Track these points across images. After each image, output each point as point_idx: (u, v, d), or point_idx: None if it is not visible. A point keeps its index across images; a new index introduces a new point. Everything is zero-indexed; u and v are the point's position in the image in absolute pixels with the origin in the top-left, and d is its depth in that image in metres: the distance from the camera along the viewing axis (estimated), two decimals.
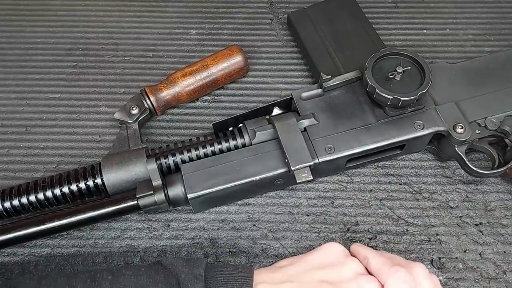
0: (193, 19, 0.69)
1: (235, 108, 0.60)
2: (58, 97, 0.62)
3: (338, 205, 0.53)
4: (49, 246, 0.51)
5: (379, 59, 0.51)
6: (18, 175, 0.56)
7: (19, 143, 0.58)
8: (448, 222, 0.52)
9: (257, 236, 0.51)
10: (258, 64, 0.64)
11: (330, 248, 0.46)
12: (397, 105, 0.49)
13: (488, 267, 0.49)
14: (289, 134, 0.49)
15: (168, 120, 0.60)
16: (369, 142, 0.50)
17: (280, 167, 0.49)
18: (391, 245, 0.51)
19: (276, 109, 0.56)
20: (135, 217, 0.53)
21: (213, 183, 0.48)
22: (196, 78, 0.57)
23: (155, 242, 0.51)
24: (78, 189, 0.50)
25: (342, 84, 0.53)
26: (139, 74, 0.63)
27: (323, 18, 0.61)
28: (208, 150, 0.51)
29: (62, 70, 0.64)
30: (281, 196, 0.54)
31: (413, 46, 0.64)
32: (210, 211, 0.53)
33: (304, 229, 0.52)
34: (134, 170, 0.50)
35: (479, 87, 0.53)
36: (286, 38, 0.66)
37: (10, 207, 0.49)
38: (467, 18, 0.67)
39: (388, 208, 0.53)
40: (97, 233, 0.52)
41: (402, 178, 0.55)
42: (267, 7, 0.70)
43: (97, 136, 0.59)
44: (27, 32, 0.67)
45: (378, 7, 0.69)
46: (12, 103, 0.61)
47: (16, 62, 0.65)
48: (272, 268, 0.45)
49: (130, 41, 0.66)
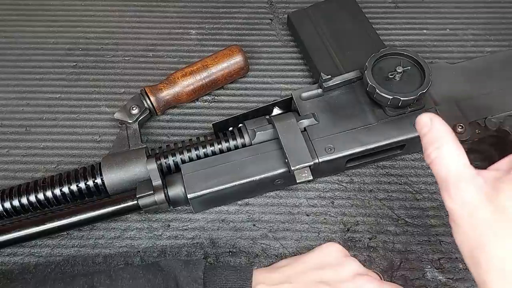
0: (193, 19, 0.69)
1: (235, 108, 0.60)
2: (58, 97, 0.62)
3: (338, 205, 0.53)
4: (49, 246, 0.51)
5: (379, 59, 0.51)
6: (18, 175, 0.56)
7: (19, 143, 0.58)
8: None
9: (257, 236, 0.51)
10: (258, 64, 0.64)
11: (328, 248, 0.46)
12: (397, 105, 0.49)
13: None
14: (289, 134, 0.49)
15: (168, 120, 0.60)
16: (369, 142, 0.50)
17: (280, 167, 0.49)
18: (390, 245, 0.51)
19: (276, 109, 0.56)
20: (135, 217, 0.53)
21: (213, 183, 0.48)
22: (196, 78, 0.57)
23: (155, 242, 0.51)
24: (78, 189, 0.50)
25: (342, 84, 0.53)
26: (139, 74, 0.63)
27: (323, 18, 0.61)
28: (208, 150, 0.51)
29: (62, 70, 0.64)
30: (281, 196, 0.54)
31: (413, 46, 0.64)
32: (210, 211, 0.53)
33: (304, 229, 0.52)
34: (134, 170, 0.50)
35: (479, 87, 0.53)
36: (286, 38, 0.66)
37: (10, 207, 0.49)
38: (467, 18, 0.67)
39: (388, 208, 0.53)
40: (97, 233, 0.52)
41: (402, 178, 0.55)
42: (267, 7, 0.70)
43: (97, 136, 0.59)
44: (27, 32, 0.67)
45: (378, 7, 0.69)
46: (12, 103, 0.61)
47: (16, 62, 0.65)
48: (271, 269, 0.45)
49: (130, 41, 0.66)
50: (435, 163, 0.37)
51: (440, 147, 0.37)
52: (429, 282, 0.48)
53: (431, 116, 0.39)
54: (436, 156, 0.37)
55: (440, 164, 0.36)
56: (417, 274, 0.49)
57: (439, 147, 0.37)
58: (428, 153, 0.38)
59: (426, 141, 0.38)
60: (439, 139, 0.37)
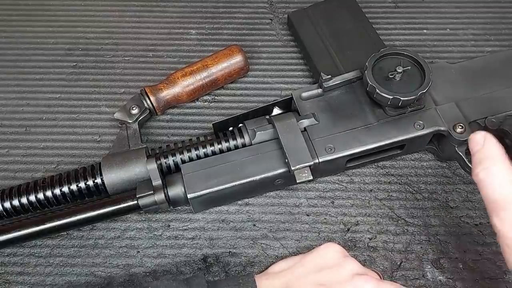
0: (193, 19, 0.69)
1: (235, 108, 0.60)
2: (58, 97, 0.62)
3: (338, 205, 0.53)
4: (49, 246, 0.51)
5: (379, 59, 0.51)
6: (18, 175, 0.56)
7: (19, 143, 0.58)
8: (448, 222, 0.52)
9: (257, 236, 0.51)
10: (258, 64, 0.64)
11: (326, 249, 0.46)
12: (397, 105, 0.49)
13: (488, 267, 0.49)
14: (289, 134, 0.49)
15: (168, 120, 0.60)
16: (369, 142, 0.50)
17: (280, 167, 0.49)
18: (391, 245, 0.51)
19: (276, 109, 0.56)
20: (135, 217, 0.53)
21: (213, 183, 0.48)
22: (196, 78, 0.57)
23: (155, 242, 0.51)
24: (78, 189, 0.50)
25: (342, 84, 0.53)
26: (139, 74, 0.63)
27: (323, 18, 0.61)
28: (208, 150, 0.51)
29: (62, 70, 0.64)
30: (281, 196, 0.54)
31: (413, 46, 0.64)
32: (210, 211, 0.53)
33: (304, 229, 0.52)
34: (134, 170, 0.50)
35: (479, 87, 0.53)
36: (286, 38, 0.66)
37: (10, 207, 0.49)
38: (467, 18, 0.67)
39: (388, 208, 0.53)
40: (97, 233, 0.52)
41: (402, 178, 0.55)
42: (267, 7, 0.70)
43: (97, 136, 0.59)
44: (27, 32, 0.67)
45: (378, 7, 0.69)
46: (12, 103, 0.61)
47: (16, 62, 0.65)
48: (270, 275, 0.45)
49: (130, 41, 0.66)
50: (483, 183, 0.36)
51: (489, 168, 0.36)
52: (429, 282, 0.48)
53: (485, 135, 0.38)
54: (485, 176, 0.36)
55: (488, 185, 0.36)
56: (417, 274, 0.49)
57: (489, 167, 0.36)
58: (476, 172, 0.37)
59: (476, 159, 0.37)
60: (489, 159, 0.37)
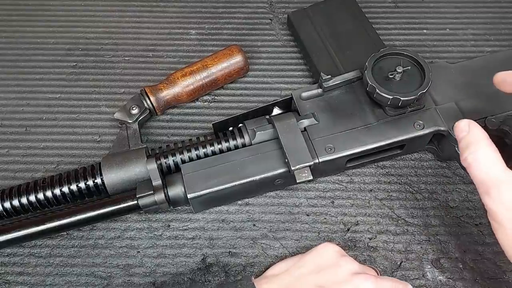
0: (193, 19, 0.69)
1: (235, 108, 0.60)
2: (58, 97, 0.62)
3: (338, 205, 0.53)
4: (49, 246, 0.51)
5: (379, 59, 0.51)
6: (18, 175, 0.56)
7: (19, 143, 0.58)
8: (448, 222, 0.52)
9: (257, 236, 0.51)
10: (258, 64, 0.64)
11: (324, 249, 0.46)
12: (397, 105, 0.49)
13: (488, 267, 0.49)
14: (289, 134, 0.49)
15: (168, 120, 0.60)
16: (369, 142, 0.50)
17: (280, 167, 0.49)
18: (391, 245, 0.51)
19: (276, 109, 0.56)
20: (135, 217, 0.53)
21: (213, 183, 0.48)
22: (196, 78, 0.57)
23: (155, 242, 0.51)
24: (78, 189, 0.50)
25: (342, 84, 0.53)
26: (139, 74, 0.63)
27: (323, 18, 0.61)
28: (208, 150, 0.51)
29: (62, 70, 0.64)
30: (281, 196, 0.54)
31: (413, 46, 0.64)
32: (210, 211, 0.53)
33: (304, 229, 0.52)
34: (134, 170, 0.50)
35: (479, 87, 0.53)
36: (286, 38, 0.66)
37: (10, 207, 0.49)
38: (467, 18, 0.67)
39: (388, 208, 0.53)
40: (97, 233, 0.52)
41: (402, 178, 0.55)
42: (267, 7, 0.70)
43: (97, 136, 0.59)
44: (27, 32, 0.67)
45: (378, 7, 0.69)
46: (12, 103, 0.61)
47: (16, 62, 0.65)
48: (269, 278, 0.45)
49: (130, 41, 0.66)
50: (472, 166, 0.38)
51: (476, 151, 0.38)
52: (429, 282, 0.48)
53: (469, 121, 0.40)
54: (473, 159, 0.38)
55: (477, 167, 0.37)
56: (417, 274, 0.49)
57: (476, 151, 0.38)
58: (464, 156, 0.38)
59: (463, 145, 0.39)
60: (475, 143, 0.38)
